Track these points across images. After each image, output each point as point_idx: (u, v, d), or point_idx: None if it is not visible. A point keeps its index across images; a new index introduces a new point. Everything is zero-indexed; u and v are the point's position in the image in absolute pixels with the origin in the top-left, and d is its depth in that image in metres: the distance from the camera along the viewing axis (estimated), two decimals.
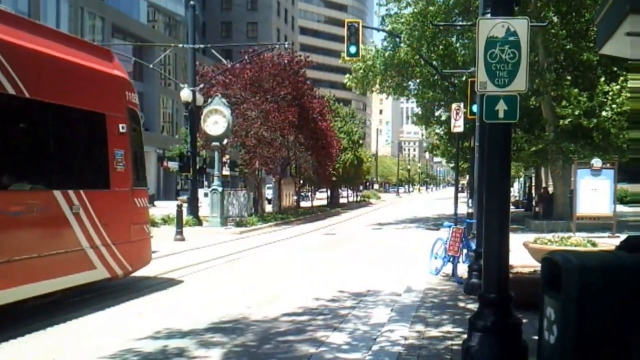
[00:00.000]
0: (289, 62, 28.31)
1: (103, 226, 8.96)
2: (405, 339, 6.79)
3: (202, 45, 28.23)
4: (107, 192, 9.38)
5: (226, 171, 30.99)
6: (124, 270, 9.70)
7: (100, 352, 6.43)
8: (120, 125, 9.66)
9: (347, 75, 27.21)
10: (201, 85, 26.14)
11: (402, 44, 23.91)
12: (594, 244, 10.40)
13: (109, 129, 9.43)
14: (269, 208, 33.14)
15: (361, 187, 68.24)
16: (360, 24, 18.12)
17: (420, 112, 30.88)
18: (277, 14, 76.98)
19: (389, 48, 25.77)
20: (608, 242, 11.91)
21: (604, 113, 19.85)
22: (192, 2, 25.13)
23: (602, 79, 20.11)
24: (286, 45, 31.03)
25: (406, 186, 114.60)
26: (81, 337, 7.15)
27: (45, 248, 7.95)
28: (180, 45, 30.13)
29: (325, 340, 6.98)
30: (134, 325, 7.73)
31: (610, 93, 19.64)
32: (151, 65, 30.01)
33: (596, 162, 18.93)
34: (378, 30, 27.55)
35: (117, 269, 9.47)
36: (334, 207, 44.07)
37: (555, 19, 20.43)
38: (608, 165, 19.08)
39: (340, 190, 53.84)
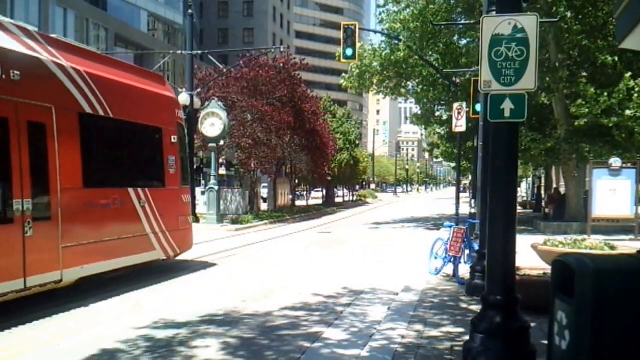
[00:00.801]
0: (284, 65, 28.57)
1: (160, 217, 11.32)
2: (403, 337, 6.68)
3: (199, 52, 28.31)
4: (163, 190, 11.76)
5: (223, 171, 31.28)
6: (174, 253, 12.03)
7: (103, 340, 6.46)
8: (172, 137, 12.10)
9: (343, 75, 27.16)
10: (199, 90, 26.45)
11: (400, 45, 23.65)
12: (612, 248, 9.69)
13: (164, 140, 11.85)
14: (264, 207, 33.40)
15: (358, 187, 68.25)
16: (357, 27, 18.02)
17: (419, 113, 30.73)
18: (272, 19, 77.18)
19: (386, 48, 25.64)
20: (629, 245, 11.59)
21: (627, 112, 18.71)
22: (190, 11, 25.61)
23: (629, 74, 18.95)
24: (282, 49, 31.12)
25: (404, 186, 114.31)
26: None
27: (122, 232, 10.33)
28: (179, 52, 30.25)
29: (320, 336, 6.92)
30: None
31: (637, 89, 18.58)
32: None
33: (615, 161, 18.16)
34: (375, 32, 27.48)
35: (169, 251, 11.82)
36: (329, 206, 44.05)
37: (568, 14, 19.27)
38: (629, 165, 18.30)
39: (336, 190, 53.96)
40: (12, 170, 8.08)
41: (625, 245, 10.84)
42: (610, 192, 17.93)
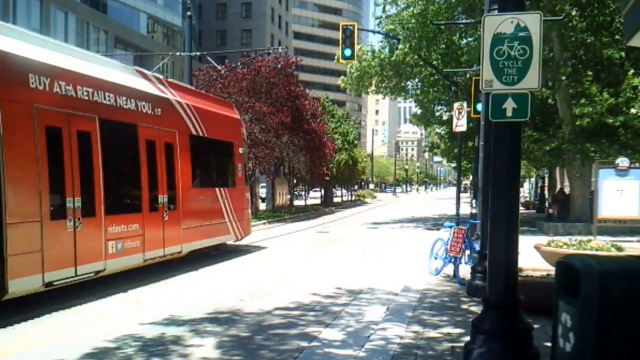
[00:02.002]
0: (282, 66, 28.65)
1: (233, 209, 15.15)
2: (402, 338, 6.63)
3: (198, 53, 28.26)
4: (234, 189, 15.54)
5: None
6: (240, 236, 15.81)
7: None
8: (240, 149, 16.07)
9: (342, 77, 27.09)
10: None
11: (400, 45, 23.53)
12: (619, 249, 9.55)
13: (235, 152, 15.81)
14: (262, 206, 33.51)
15: (356, 187, 68.17)
16: (356, 27, 17.97)
17: (419, 113, 30.65)
18: (271, 20, 77.15)
19: (386, 49, 25.57)
20: (636, 246, 11.42)
21: (632, 110, 18.50)
22: (188, 13, 25.65)
23: (631, 72, 18.76)
24: (280, 50, 31.14)
25: (404, 186, 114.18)
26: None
27: (212, 220, 14.14)
28: (178, 53, 30.19)
29: (318, 336, 6.89)
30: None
31: (638, 88, 18.35)
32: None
33: (622, 161, 17.78)
34: (374, 32, 27.43)
35: (238, 235, 15.63)
36: (327, 206, 44.04)
37: (573, 12, 18.97)
38: (637, 165, 17.96)
39: (334, 190, 53.97)
40: (158, 175, 11.73)
41: (633, 247, 10.68)
42: (617, 193, 17.59)
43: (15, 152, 8.06)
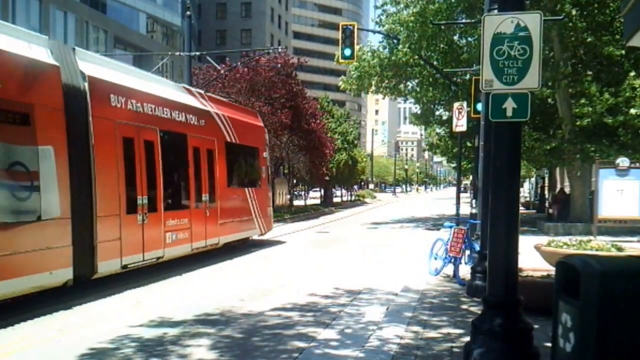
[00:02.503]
0: (282, 65, 28.62)
1: (258, 207, 17.30)
2: (401, 338, 6.62)
3: (197, 53, 28.20)
4: (259, 189, 17.70)
5: None
6: (264, 231, 18.00)
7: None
8: (264, 153, 18.35)
9: (342, 77, 27.06)
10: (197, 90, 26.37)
11: (400, 45, 23.48)
12: (619, 249, 9.55)
13: (260, 156, 18.01)
14: None
15: (356, 187, 68.09)
16: (356, 27, 17.95)
17: (418, 112, 30.61)
18: (270, 20, 77.14)
19: (386, 49, 25.53)
20: (637, 247, 11.39)
21: (632, 110, 18.33)
22: (188, 13, 25.61)
23: (632, 73, 18.67)
24: (279, 49, 31.13)
25: (403, 186, 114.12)
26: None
27: (242, 216, 16.28)
28: (177, 53, 30.16)
29: (317, 336, 6.88)
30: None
31: (638, 88, 18.28)
32: (150, 73, 29.96)
33: (623, 161, 17.73)
34: (374, 32, 27.40)
35: (262, 230, 17.80)
36: (327, 206, 43.98)
37: (573, 12, 18.95)
38: (638, 165, 17.90)
39: (334, 190, 53.90)
40: (201, 177, 13.76)
41: (633, 247, 10.64)
42: (617, 193, 17.54)
43: (103, 159, 9.96)
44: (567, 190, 26.33)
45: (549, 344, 4.07)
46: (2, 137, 7.88)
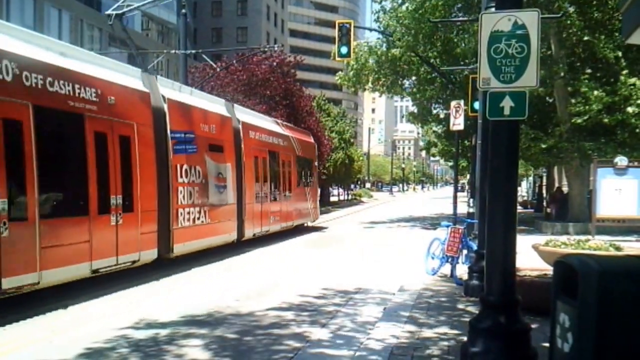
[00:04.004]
0: (278, 64, 28.61)
1: (312, 200, 23.86)
2: (398, 338, 6.59)
3: (193, 51, 28.16)
4: (312, 188, 23.97)
5: None
6: (314, 220, 24.74)
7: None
8: (315, 162, 25.24)
9: (339, 74, 27.03)
10: (193, 89, 26.31)
11: (397, 42, 23.44)
12: (618, 248, 9.48)
13: (313, 165, 24.66)
14: None
15: (353, 186, 68.09)
16: (352, 25, 17.92)
17: (415, 111, 30.58)
18: (266, 18, 77.07)
19: (383, 46, 25.48)
20: (635, 246, 11.37)
21: (629, 109, 18.29)
22: (183, 11, 25.53)
23: (625, 72, 18.68)
24: (276, 48, 31.11)
25: (400, 185, 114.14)
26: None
27: (302, 207, 22.38)
28: (173, 51, 30.10)
29: (313, 336, 6.86)
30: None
31: (638, 84, 18.16)
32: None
33: (621, 160, 17.63)
34: (370, 30, 27.54)
35: (313, 219, 24.29)
36: (324, 205, 43.82)
37: (571, 9, 18.85)
38: (636, 163, 17.83)
39: (330, 189, 53.90)
40: (288, 179, 20.46)
41: (631, 246, 10.60)
42: (615, 192, 17.44)
43: (244, 171, 16.48)
44: (565, 189, 26.30)
45: (547, 344, 4.03)
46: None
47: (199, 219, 13.44)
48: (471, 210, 15.61)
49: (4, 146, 7.94)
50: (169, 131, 12.30)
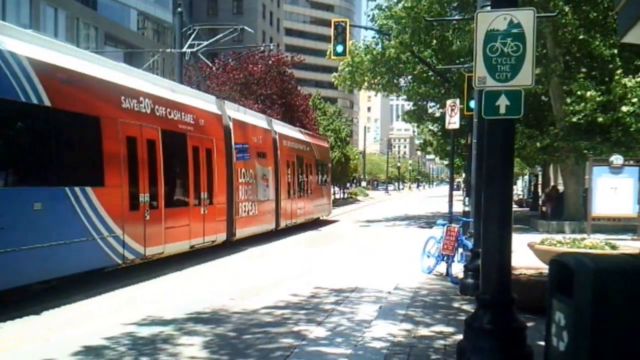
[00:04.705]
0: (274, 63, 28.62)
1: (327, 197, 28.17)
2: (394, 336, 6.59)
3: (189, 50, 28.04)
4: (326, 187, 27.92)
5: None
6: (328, 214, 28.23)
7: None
8: (329, 164, 29.18)
9: (334, 74, 26.99)
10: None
11: (392, 41, 23.40)
12: (613, 247, 9.47)
13: (327, 166, 28.37)
14: None
15: (349, 185, 68.11)
16: (348, 23, 17.89)
17: (411, 110, 30.56)
18: (262, 17, 76.99)
19: (379, 45, 25.45)
20: (631, 245, 11.37)
21: (624, 108, 18.24)
22: (179, 10, 25.52)
23: (620, 71, 18.65)
24: (271, 47, 31.11)
25: (396, 184, 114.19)
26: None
27: (319, 202, 26.05)
28: (168, 50, 29.98)
29: (307, 335, 6.84)
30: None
31: (629, 85, 18.16)
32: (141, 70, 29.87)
33: (616, 159, 17.60)
34: (366, 28, 27.59)
35: (327, 213, 27.99)
36: None
37: (566, 8, 18.73)
38: (631, 162, 17.79)
39: None
40: (309, 178, 24.15)
41: (627, 245, 10.60)
42: (611, 190, 17.38)
43: (280, 173, 19.96)
44: (560, 188, 26.30)
45: (543, 343, 4.04)
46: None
47: (251, 211, 17.08)
48: (467, 208, 15.60)
49: (148, 158, 11.38)
50: (233, 143, 15.77)
